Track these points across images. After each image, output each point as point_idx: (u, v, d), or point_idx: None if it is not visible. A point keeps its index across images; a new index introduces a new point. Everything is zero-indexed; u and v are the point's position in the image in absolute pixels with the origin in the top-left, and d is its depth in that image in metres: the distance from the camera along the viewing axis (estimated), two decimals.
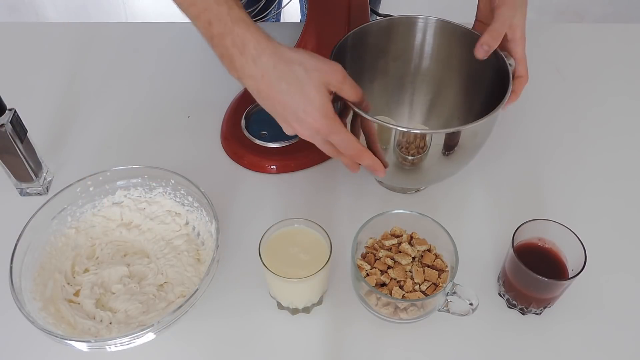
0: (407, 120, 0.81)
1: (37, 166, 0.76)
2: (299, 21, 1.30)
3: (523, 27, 0.68)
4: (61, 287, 0.64)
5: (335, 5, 0.76)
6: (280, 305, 0.65)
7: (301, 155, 0.80)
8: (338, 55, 0.67)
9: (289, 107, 0.57)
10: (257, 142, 0.80)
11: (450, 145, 0.62)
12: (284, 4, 0.80)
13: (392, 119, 0.80)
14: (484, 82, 0.71)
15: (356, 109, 0.61)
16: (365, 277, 0.61)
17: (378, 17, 0.77)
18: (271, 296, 0.65)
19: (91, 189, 0.70)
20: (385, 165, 0.64)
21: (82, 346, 0.56)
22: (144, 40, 1.01)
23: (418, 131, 0.60)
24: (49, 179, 0.78)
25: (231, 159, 0.81)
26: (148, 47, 1.00)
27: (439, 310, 0.62)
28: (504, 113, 0.86)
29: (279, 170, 0.79)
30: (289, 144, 0.80)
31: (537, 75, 0.93)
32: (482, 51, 0.65)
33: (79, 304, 0.63)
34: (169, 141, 0.84)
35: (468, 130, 0.61)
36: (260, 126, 0.82)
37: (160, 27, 1.05)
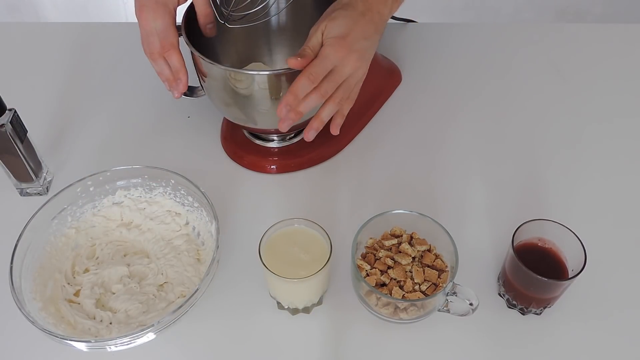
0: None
1: (37, 166, 0.76)
2: None
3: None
4: (61, 287, 0.64)
5: None
6: (280, 306, 0.65)
7: (301, 155, 0.80)
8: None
9: None
10: (257, 142, 0.80)
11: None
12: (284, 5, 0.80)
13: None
14: None
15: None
16: (365, 277, 0.61)
17: None
18: (271, 296, 0.65)
19: (91, 189, 0.70)
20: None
21: (82, 346, 0.56)
22: None
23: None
24: (49, 179, 0.78)
25: (231, 158, 0.81)
26: None
27: (439, 310, 0.62)
28: (505, 112, 0.87)
29: (279, 170, 0.79)
30: (289, 144, 0.80)
31: (537, 75, 0.93)
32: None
33: (79, 304, 0.63)
34: (169, 141, 0.84)
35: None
36: None
37: None
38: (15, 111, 0.71)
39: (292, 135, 0.80)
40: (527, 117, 0.87)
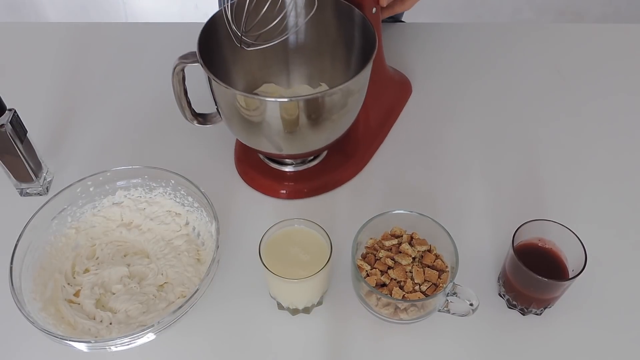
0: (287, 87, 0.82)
1: (37, 166, 0.76)
2: None
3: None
4: (61, 288, 0.64)
5: None
6: (280, 306, 0.65)
7: (316, 180, 0.76)
8: (209, 32, 0.69)
9: None
10: (273, 165, 0.77)
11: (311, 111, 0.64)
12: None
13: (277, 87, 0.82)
14: (353, 46, 0.74)
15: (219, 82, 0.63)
16: (365, 278, 0.61)
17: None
18: (271, 296, 0.65)
19: (91, 189, 0.70)
20: None
21: (82, 346, 0.56)
22: (144, 40, 1.01)
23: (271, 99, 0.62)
24: (49, 179, 0.78)
25: (242, 179, 0.78)
26: (148, 47, 1.00)
27: (439, 310, 0.62)
28: (505, 112, 0.87)
29: (290, 197, 0.76)
30: (304, 168, 0.77)
31: (537, 75, 0.93)
32: None
33: (79, 304, 0.63)
34: (169, 141, 0.84)
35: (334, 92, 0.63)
36: None
37: (160, 27, 1.05)
38: (15, 111, 0.71)
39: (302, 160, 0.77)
40: (527, 117, 0.87)
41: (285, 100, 0.62)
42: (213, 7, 1.22)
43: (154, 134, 0.85)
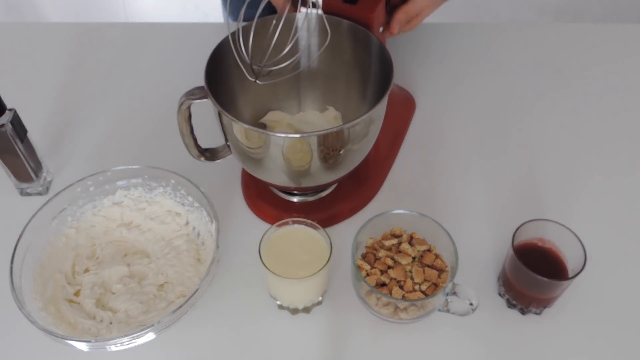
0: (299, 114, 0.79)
1: (37, 166, 0.76)
2: None
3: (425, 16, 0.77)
4: (61, 287, 0.64)
5: None
6: (280, 306, 0.65)
7: (328, 211, 0.74)
8: (217, 55, 0.65)
9: None
10: (282, 195, 0.74)
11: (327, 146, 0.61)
12: None
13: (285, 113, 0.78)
14: (370, 71, 0.71)
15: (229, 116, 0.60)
16: (365, 277, 0.61)
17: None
18: (271, 296, 0.65)
19: (91, 189, 0.70)
20: None
21: (82, 346, 0.56)
22: (144, 40, 1.01)
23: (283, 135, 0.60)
24: (49, 179, 0.78)
25: (247, 205, 0.76)
26: (148, 47, 1.00)
27: (439, 310, 0.62)
28: (504, 112, 0.87)
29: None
30: (315, 198, 0.74)
31: (537, 75, 0.93)
32: (397, 27, 0.72)
33: (79, 303, 0.63)
34: (169, 141, 0.84)
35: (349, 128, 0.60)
36: None
37: (160, 27, 1.05)
38: (15, 111, 0.71)
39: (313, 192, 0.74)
40: (527, 117, 0.87)
41: (314, 133, 0.59)
42: (213, 8, 1.22)
43: (154, 134, 0.85)
